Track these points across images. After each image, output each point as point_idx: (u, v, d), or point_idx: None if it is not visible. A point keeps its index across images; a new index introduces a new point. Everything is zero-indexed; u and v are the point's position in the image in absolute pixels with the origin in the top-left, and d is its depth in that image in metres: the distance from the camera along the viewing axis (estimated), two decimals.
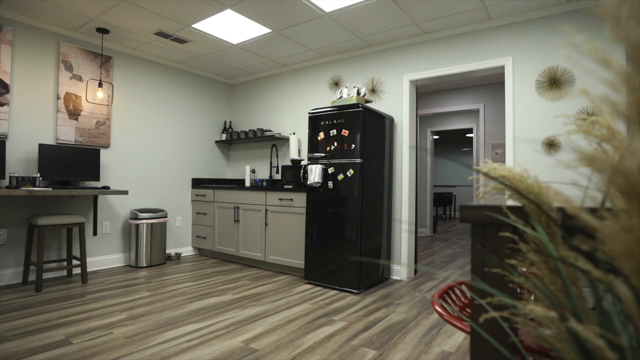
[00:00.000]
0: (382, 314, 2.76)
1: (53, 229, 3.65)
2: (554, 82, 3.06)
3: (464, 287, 2.93)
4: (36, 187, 3.32)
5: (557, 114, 3.04)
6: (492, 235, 0.65)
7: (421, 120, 7.16)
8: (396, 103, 3.89)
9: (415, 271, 4.06)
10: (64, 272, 3.76)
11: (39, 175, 3.40)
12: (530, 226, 0.56)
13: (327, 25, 3.57)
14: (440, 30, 3.62)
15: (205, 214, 4.73)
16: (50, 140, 3.69)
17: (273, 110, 4.97)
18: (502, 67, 3.38)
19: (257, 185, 4.48)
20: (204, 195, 4.75)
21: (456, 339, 2.35)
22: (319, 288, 3.43)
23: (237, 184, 5.30)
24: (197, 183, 4.98)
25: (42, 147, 3.46)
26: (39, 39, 3.61)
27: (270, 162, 4.78)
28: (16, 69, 3.47)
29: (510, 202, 0.67)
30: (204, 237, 4.73)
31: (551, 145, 3.05)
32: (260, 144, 5.10)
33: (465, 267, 4.44)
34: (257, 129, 4.77)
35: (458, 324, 0.86)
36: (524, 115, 3.21)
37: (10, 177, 3.24)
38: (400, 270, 3.80)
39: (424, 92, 6.37)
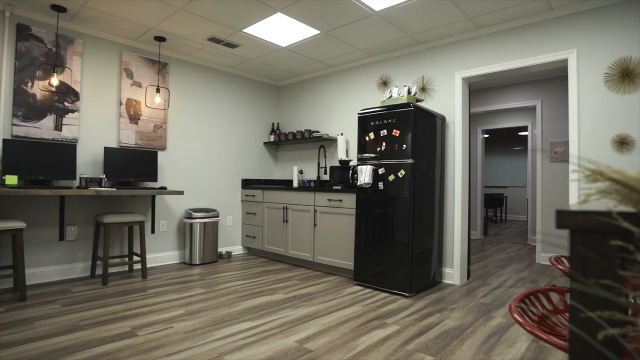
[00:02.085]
0: (436, 319, 2.68)
1: (116, 227, 3.88)
2: (626, 75, 2.82)
3: (539, 295, 2.77)
4: (102, 187, 3.55)
5: (630, 108, 2.80)
6: (593, 243, 0.59)
7: (472, 119, 6.90)
8: (448, 102, 3.77)
9: (468, 275, 3.90)
10: (126, 267, 4.00)
11: (104, 176, 3.63)
12: None
13: (376, 24, 3.53)
14: (496, 24, 3.45)
15: (254, 214, 4.84)
16: (113, 144, 3.93)
17: (320, 111, 4.99)
18: (565, 61, 3.16)
19: (306, 186, 4.51)
20: (254, 196, 4.87)
21: (518, 348, 2.23)
22: (369, 290, 3.39)
23: (284, 184, 5.38)
24: (246, 183, 5.11)
25: (107, 150, 3.70)
26: (104, 49, 3.87)
27: (318, 163, 4.80)
28: (85, 78, 3.74)
29: (594, 205, 0.62)
30: (254, 237, 4.84)
31: (623, 143, 2.82)
32: (307, 144, 5.15)
33: (521, 273, 4.21)
34: (305, 130, 4.81)
35: (543, 336, 0.81)
36: (590, 111, 2.99)
37: (80, 178, 3.50)
38: (453, 273, 3.67)
39: (474, 89, 6.12)
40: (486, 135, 12.02)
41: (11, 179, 3.05)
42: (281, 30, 3.72)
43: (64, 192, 3.07)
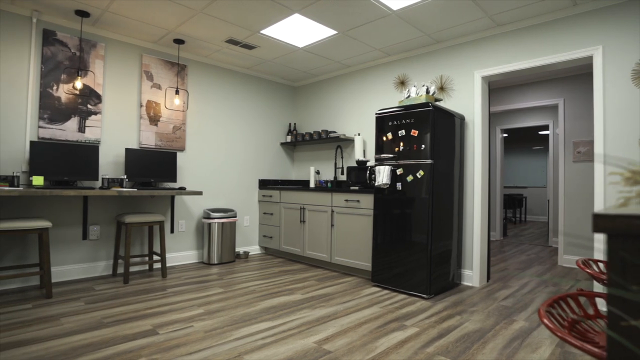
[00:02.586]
0: (456, 322, 2.64)
1: (137, 227, 3.95)
2: None
3: (569, 300, 2.70)
4: (123, 187, 3.63)
5: None
6: (635, 248, 0.57)
7: (491, 118, 6.78)
8: (467, 101, 3.71)
9: (488, 277, 3.84)
10: (146, 266, 4.07)
11: (125, 177, 3.71)
12: None
13: (393, 24, 3.50)
14: (517, 21, 3.38)
15: (271, 214, 4.87)
16: (134, 145, 4.01)
17: (337, 112, 4.99)
18: (590, 58, 3.08)
19: (322, 187, 4.51)
20: (271, 196, 4.89)
21: (542, 353, 2.17)
22: (386, 291, 3.37)
23: (301, 185, 5.39)
24: (263, 184, 5.14)
25: (128, 151, 3.77)
26: (125, 53, 3.95)
27: (335, 163, 4.79)
28: (107, 81, 3.82)
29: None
30: (270, 237, 4.87)
31: None
32: (324, 145, 5.14)
33: (543, 275, 4.11)
34: (322, 130, 4.81)
35: (575, 343, 0.78)
36: (617, 109, 2.90)
37: (102, 179, 3.58)
38: (472, 275, 3.61)
39: (493, 88, 6.02)
40: (505, 135, 11.81)
41: (38, 180, 3.14)
42: (298, 31, 3.73)
43: (87, 192, 3.14)
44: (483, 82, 3.65)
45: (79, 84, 3.45)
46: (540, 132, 11.13)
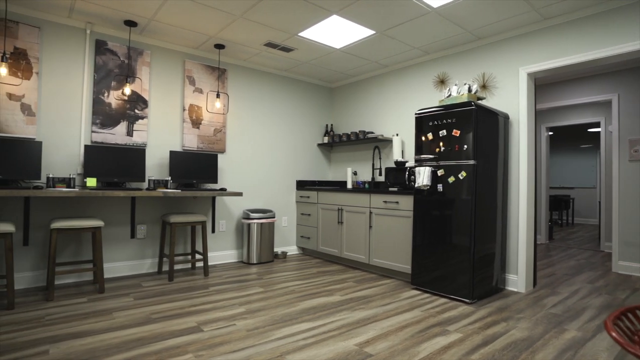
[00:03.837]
0: (501, 329, 2.54)
1: (181, 226, 4.10)
2: None
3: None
4: (168, 189, 3.78)
5: None
6: None
7: (536, 116, 6.48)
8: (511, 99, 3.56)
9: (534, 283, 3.66)
10: (189, 265, 4.21)
11: (169, 178, 3.86)
12: None
13: (433, 22, 3.42)
14: (565, 14, 3.21)
15: (309, 215, 4.90)
16: (177, 147, 4.16)
17: (374, 112, 4.94)
18: None
19: (360, 188, 4.49)
20: (308, 197, 4.92)
21: None
22: (427, 294, 3.30)
23: (338, 185, 5.38)
24: (301, 185, 5.18)
25: (172, 153, 3.92)
26: (169, 59, 4.11)
27: (373, 164, 4.75)
28: (152, 86, 3.99)
29: None
30: (308, 238, 4.90)
31: None
32: (361, 145, 5.12)
33: (595, 283, 3.87)
34: (359, 131, 4.79)
35: None
36: None
37: (148, 180, 3.74)
38: (517, 280, 3.46)
39: (539, 84, 5.74)
40: (550, 133, 11.25)
41: (91, 181, 3.34)
42: (336, 32, 3.73)
43: (135, 193, 3.30)
44: (529, 78, 3.49)
45: (127, 90, 3.63)
46: (589, 130, 10.50)
